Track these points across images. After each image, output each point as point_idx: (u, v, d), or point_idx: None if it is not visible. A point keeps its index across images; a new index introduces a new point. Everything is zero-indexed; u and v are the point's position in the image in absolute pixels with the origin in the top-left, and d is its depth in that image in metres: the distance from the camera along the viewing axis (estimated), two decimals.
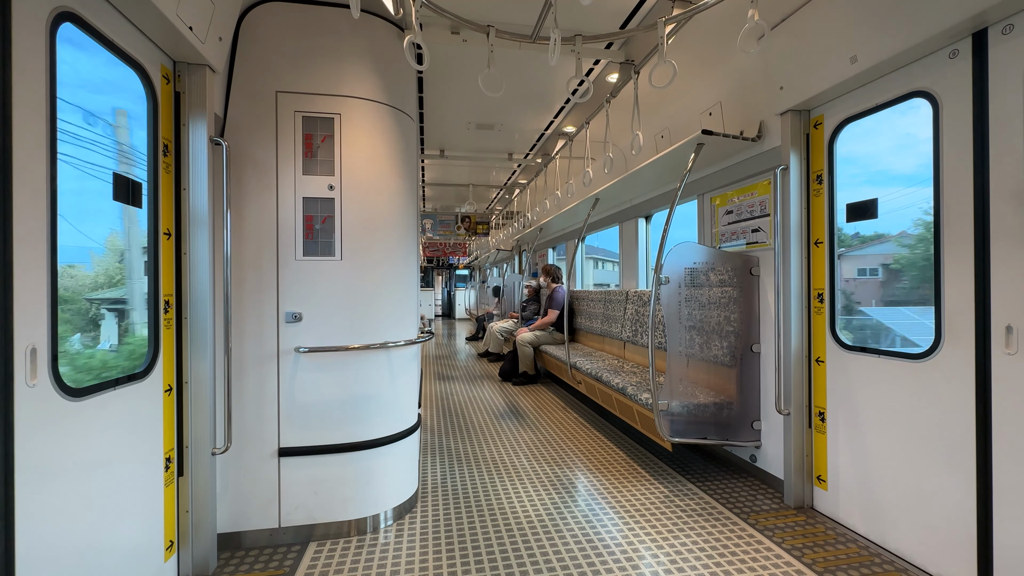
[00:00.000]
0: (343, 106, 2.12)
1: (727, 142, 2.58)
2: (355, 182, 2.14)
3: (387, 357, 2.25)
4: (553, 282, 5.66)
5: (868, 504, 2.08)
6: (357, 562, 1.95)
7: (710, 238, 3.11)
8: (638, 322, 3.89)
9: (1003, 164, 1.58)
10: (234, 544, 2.04)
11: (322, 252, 2.10)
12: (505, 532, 2.17)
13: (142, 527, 1.59)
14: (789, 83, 2.29)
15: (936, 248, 1.79)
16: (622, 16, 2.52)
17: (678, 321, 2.66)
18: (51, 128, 1.22)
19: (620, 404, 3.16)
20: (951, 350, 1.75)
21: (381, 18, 2.24)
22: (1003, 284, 1.58)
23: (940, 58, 1.77)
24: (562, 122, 4.16)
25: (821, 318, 2.29)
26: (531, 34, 2.13)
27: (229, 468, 2.01)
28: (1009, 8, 1.53)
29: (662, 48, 1.94)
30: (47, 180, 1.21)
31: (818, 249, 2.30)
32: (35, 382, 1.16)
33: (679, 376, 2.67)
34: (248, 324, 2.03)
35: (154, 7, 1.44)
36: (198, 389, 1.80)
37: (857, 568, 1.89)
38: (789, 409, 2.36)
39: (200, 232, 1.79)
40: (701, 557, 1.95)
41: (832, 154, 2.25)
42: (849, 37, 1.96)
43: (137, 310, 1.72)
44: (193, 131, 1.78)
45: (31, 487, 1.14)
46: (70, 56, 1.29)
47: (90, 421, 1.35)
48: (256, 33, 2.05)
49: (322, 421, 2.11)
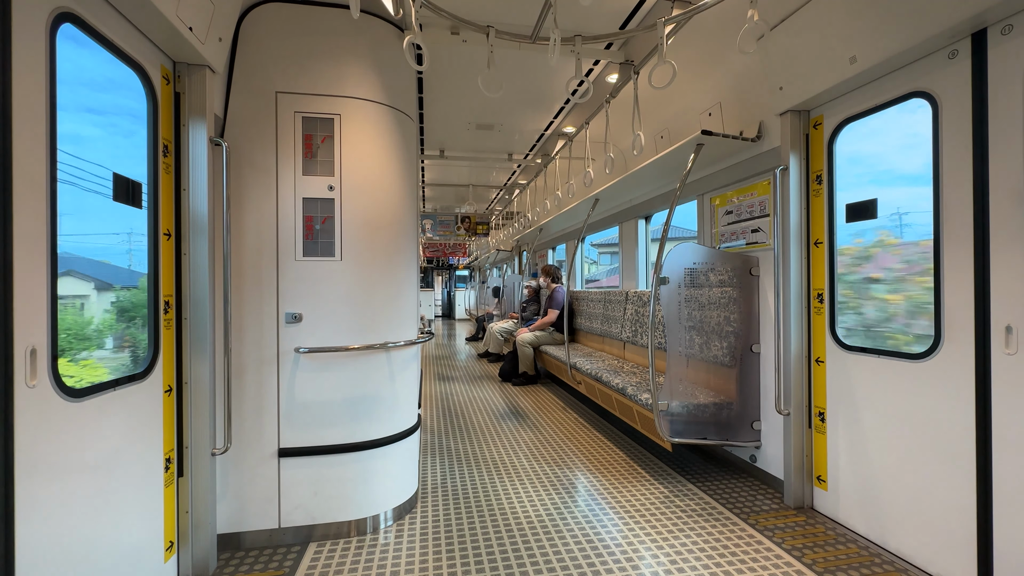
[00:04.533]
0: (343, 106, 2.12)
1: (727, 142, 2.58)
2: (355, 182, 2.14)
3: (387, 357, 2.25)
4: (553, 282, 5.66)
5: (868, 504, 2.08)
6: (357, 562, 1.95)
7: (710, 238, 3.11)
8: (638, 322, 3.89)
9: (1003, 164, 1.58)
10: (234, 544, 2.04)
11: (322, 252, 2.10)
12: (505, 532, 2.17)
13: (142, 527, 1.59)
14: (789, 83, 2.29)
15: (936, 248, 1.79)
16: (622, 16, 2.53)
17: (678, 321, 2.66)
18: (51, 128, 1.22)
19: (620, 404, 3.16)
20: (951, 350, 1.75)
21: (381, 18, 2.24)
22: (1003, 284, 1.58)
23: (939, 58, 1.77)
24: (562, 122, 4.17)
25: (821, 318, 2.29)
26: (531, 34, 2.13)
27: (229, 468, 2.01)
28: (1008, 8, 1.53)
29: (662, 48, 1.94)
30: (47, 180, 1.21)
31: (818, 249, 2.30)
32: (35, 383, 1.16)
33: (679, 376, 2.67)
34: (248, 324, 2.03)
35: (154, 7, 1.44)
36: (198, 389, 1.80)
37: (857, 568, 1.89)
38: (789, 409, 2.36)
39: (200, 233, 1.79)
40: (701, 557, 1.95)
41: (832, 154, 2.25)
42: (849, 37, 1.96)
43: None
44: (193, 132, 1.78)
45: (31, 487, 1.14)
46: (73, 54, 1.29)
47: (90, 422, 1.35)
48: (256, 34, 2.05)
49: (322, 421, 2.11)
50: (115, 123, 1.59)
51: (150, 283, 1.67)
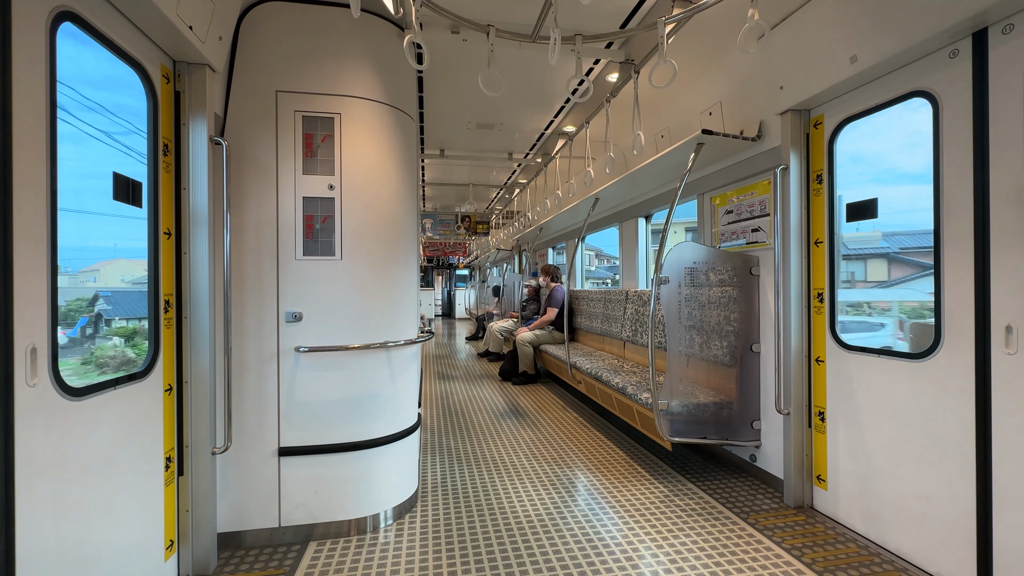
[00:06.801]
0: (343, 106, 2.12)
1: (727, 142, 2.58)
2: (355, 182, 2.14)
3: (387, 357, 2.25)
4: (552, 281, 5.67)
5: (868, 504, 2.08)
6: (357, 561, 1.95)
7: (710, 238, 3.11)
8: (638, 322, 3.89)
9: (1003, 164, 1.58)
10: (234, 543, 2.04)
11: (322, 252, 2.10)
12: (505, 531, 2.17)
13: (142, 526, 1.59)
14: (789, 83, 2.29)
15: (936, 248, 1.79)
16: (622, 16, 2.52)
17: (678, 321, 2.66)
18: (51, 127, 1.22)
19: (620, 404, 3.16)
20: (951, 350, 1.75)
21: (381, 18, 2.24)
22: (1003, 284, 1.58)
23: (940, 58, 1.77)
24: (562, 122, 4.16)
25: (821, 318, 2.29)
26: (531, 34, 2.13)
27: (229, 467, 2.01)
28: (1009, 8, 1.53)
29: (662, 48, 1.94)
30: (47, 180, 1.21)
31: (818, 249, 2.30)
32: (35, 382, 1.16)
33: (679, 376, 2.67)
34: (248, 323, 2.03)
35: (154, 6, 1.44)
36: (198, 388, 1.80)
37: (857, 568, 1.89)
38: (789, 409, 2.36)
39: (200, 232, 1.78)
40: (701, 556, 1.95)
41: (832, 154, 2.25)
42: (849, 37, 1.96)
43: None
44: (193, 131, 1.77)
45: (31, 487, 1.14)
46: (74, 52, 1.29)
47: (90, 421, 1.35)
48: (256, 32, 2.05)
49: (322, 420, 2.11)
50: (115, 122, 1.59)
51: (150, 282, 1.67)
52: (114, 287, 1.86)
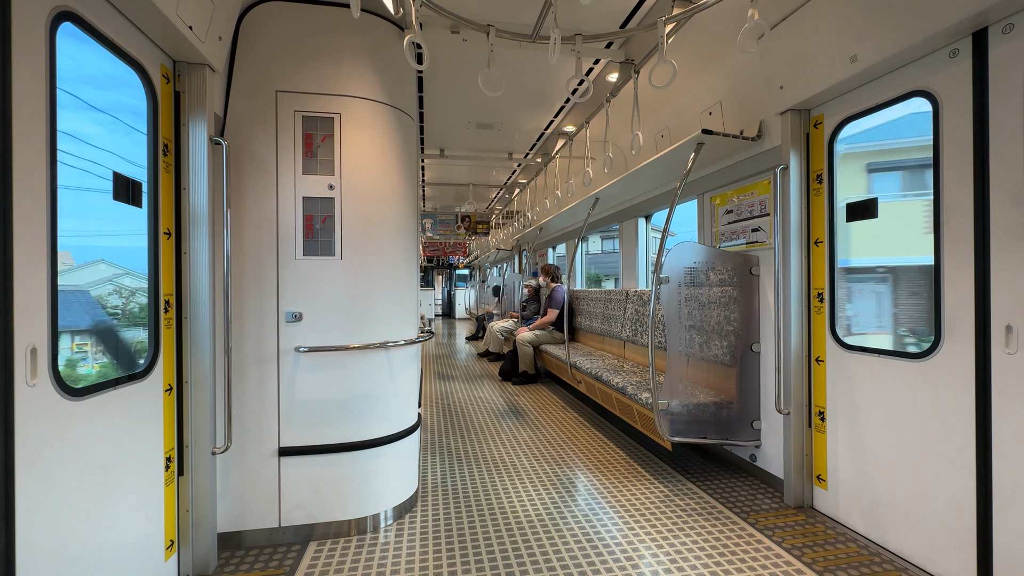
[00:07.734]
0: (343, 105, 2.12)
1: (727, 142, 2.58)
2: (355, 182, 2.14)
3: (387, 356, 2.25)
4: (552, 281, 5.66)
5: (868, 503, 2.08)
6: (357, 561, 1.95)
7: (710, 237, 3.11)
8: (638, 321, 3.89)
9: (1003, 164, 1.58)
10: (234, 543, 2.04)
11: (322, 252, 2.10)
12: (505, 531, 2.17)
13: (142, 526, 1.59)
14: (789, 82, 2.29)
15: (936, 247, 1.79)
16: (622, 16, 2.52)
17: (678, 321, 2.66)
18: (51, 127, 1.22)
19: (620, 403, 3.16)
20: (951, 350, 1.75)
21: (381, 18, 2.24)
22: (1003, 284, 1.58)
23: (940, 57, 1.77)
24: (562, 122, 4.17)
25: (821, 318, 2.29)
26: (531, 34, 2.13)
27: (229, 467, 2.01)
28: (1009, 7, 1.53)
29: (662, 48, 1.94)
30: (47, 179, 1.21)
31: (818, 249, 2.30)
32: (35, 382, 1.16)
33: (679, 375, 2.67)
34: (248, 323, 2.03)
35: (154, 7, 1.44)
36: (198, 388, 1.80)
37: (857, 567, 1.89)
38: (789, 408, 2.36)
39: (200, 232, 1.78)
40: (701, 556, 1.95)
41: (832, 153, 2.25)
42: (849, 36, 1.96)
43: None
44: (193, 131, 1.77)
45: (31, 487, 1.14)
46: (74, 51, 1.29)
47: (90, 421, 1.35)
48: (256, 32, 2.05)
49: (322, 420, 2.11)
50: (115, 121, 1.59)
51: (150, 282, 1.67)
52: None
